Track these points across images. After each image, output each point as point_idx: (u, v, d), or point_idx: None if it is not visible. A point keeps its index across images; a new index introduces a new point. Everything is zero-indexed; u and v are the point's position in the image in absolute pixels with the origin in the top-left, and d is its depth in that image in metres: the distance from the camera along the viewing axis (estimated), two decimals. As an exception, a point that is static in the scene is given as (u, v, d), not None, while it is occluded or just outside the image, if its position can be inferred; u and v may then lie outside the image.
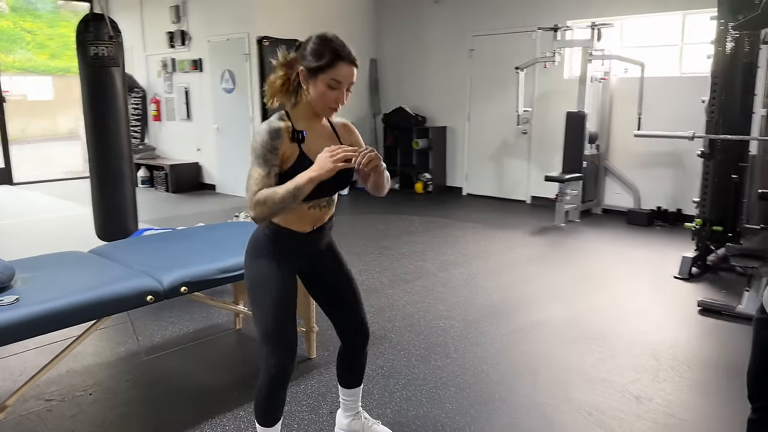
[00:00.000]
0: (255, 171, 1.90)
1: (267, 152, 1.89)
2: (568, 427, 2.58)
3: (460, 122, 8.48)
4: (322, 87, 1.89)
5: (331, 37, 1.92)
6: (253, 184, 1.88)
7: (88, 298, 2.30)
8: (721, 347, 3.43)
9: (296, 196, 1.85)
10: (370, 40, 9.27)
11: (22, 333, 2.14)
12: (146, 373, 3.09)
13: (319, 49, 1.89)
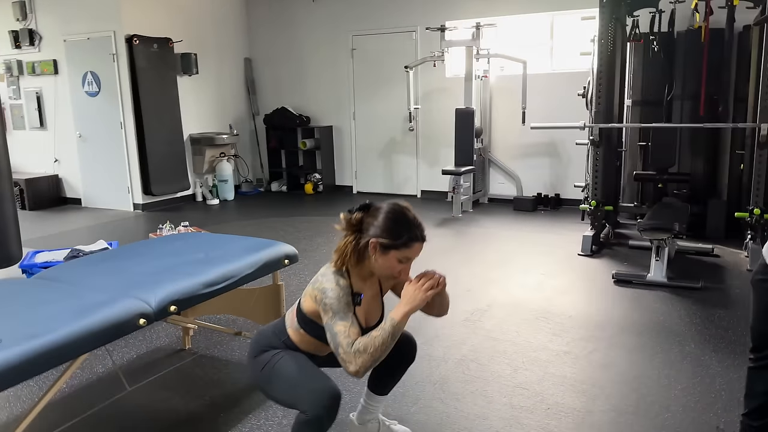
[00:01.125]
0: (340, 325, 1.89)
1: (345, 305, 1.92)
2: (560, 402, 2.75)
3: (346, 121, 8.53)
4: (393, 262, 1.96)
5: (408, 215, 1.97)
6: (343, 338, 1.87)
7: (81, 329, 2.01)
8: (645, 311, 3.83)
9: (394, 335, 1.88)
10: (243, 39, 8.97)
11: (14, 377, 1.83)
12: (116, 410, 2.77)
13: (396, 228, 1.93)
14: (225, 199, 8.32)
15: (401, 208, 1.99)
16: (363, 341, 1.85)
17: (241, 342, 3.45)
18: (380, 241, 1.93)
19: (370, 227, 1.96)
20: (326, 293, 1.92)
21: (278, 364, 2.06)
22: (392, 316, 1.88)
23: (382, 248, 1.94)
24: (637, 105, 6.22)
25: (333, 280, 1.95)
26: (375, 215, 1.97)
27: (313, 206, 7.82)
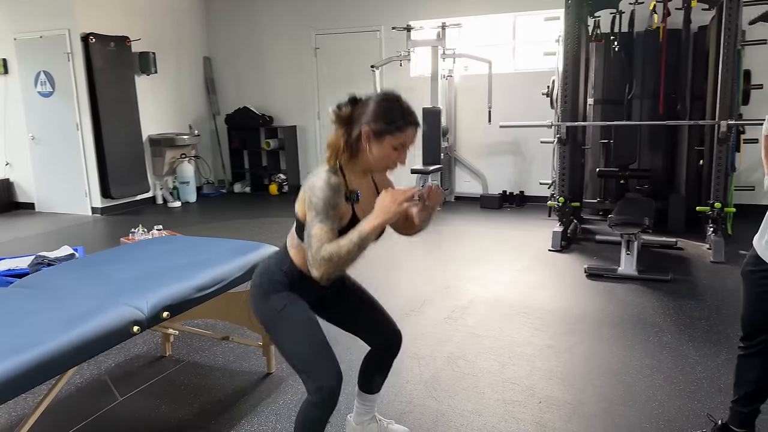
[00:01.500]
0: (318, 228, 1.80)
1: (330, 208, 1.82)
2: (551, 395, 2.80)
3: (311, 121, 8.46)
4: (388, 149, 1.86)
5: (399, 100, 1.90)
6: (315, 243, 1.79)
7: (74, 339, 1.93)
8: (619, 304, 3.93)
9: (362, 246, 1.79)
10: (202, 38, 8.79)
11: (8, 392, 1.74)
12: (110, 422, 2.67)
13: (389, 114, 1.86)
14: (187, 201, 8.13)
15: (393, 95, 1.91)
16: (329, 249, 1.77)
17: (223, 347, 3.38)
18: (373, 127, 1.84)
19: (362, 117, 1.87)
20: (314, 191, 1.82)
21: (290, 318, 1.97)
22: (360, 227, 1.77)
23: (375, 135, 1.84)
24: (599, 104, 6.38)
25: (324, 177, 1.83)
26: (365, 105, 1.88)
27: (279, 207, 7.72)
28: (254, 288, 2.06)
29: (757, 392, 2.22)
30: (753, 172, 6.17)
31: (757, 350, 2.17)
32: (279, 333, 1.99)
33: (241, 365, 3.19)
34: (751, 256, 2.14)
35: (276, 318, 1.98)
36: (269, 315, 2.00)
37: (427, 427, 2.55)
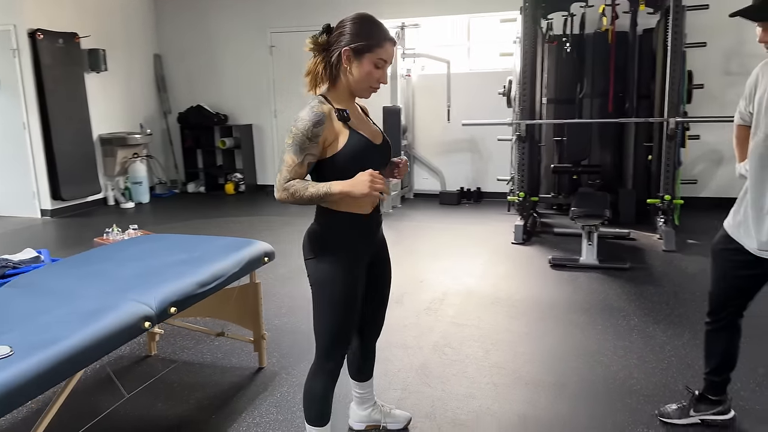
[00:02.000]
0: (289, 157, 1.87)
1: (306, 140, 1.86)
2: (536, 378, 2.96)
3: (267, 119, 8.41)
4: (369, 66, 1.90)
5: (373, 18, 1.95)
6: (285, 170, 1.87)
7: (92, 335, 1.92)
8: (585, 291, 4.15)
9: (323, 200, 1.89)
10: (152, 35, 8.59)
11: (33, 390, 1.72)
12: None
13: (366, 30, 1.91)
14: (140, 201, 7.93)
15: (366, 15, 1.95)
16: (296, 186, 1.85)
17: (210, 345, 3.38)
18: (353, 46, 1.88)
19: (340, 39, 1.91)
20: (297, 121, 1.87)
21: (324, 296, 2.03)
22: (331, 186, 1.85)
23: (355, 54, 1.88)
24: (551, 103, 6.66)
25: (309, 112, 1.87)
26: (340, 28, 1.93)
27: (237, 207, 7.66)
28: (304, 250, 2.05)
29: (726, 362, 2.43)
30: (695, 166, 6.59)
31: (723, 324, 2.39)
32: (321, 300, 2.03)
33: (230, 361, 3.20)
34: (721, 235, 2.34)
35: (324, 286, 2.01)
36: (319, 279, 2.02)
37: (425, 411, 2.65)
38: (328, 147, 1.91)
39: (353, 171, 1.88)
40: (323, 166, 1.93)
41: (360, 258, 2.07)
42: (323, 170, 1.94)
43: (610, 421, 2.54)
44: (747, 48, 6.42)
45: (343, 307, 2.01)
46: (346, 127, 1.93)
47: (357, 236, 2.05)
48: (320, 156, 1.91)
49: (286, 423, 2.59)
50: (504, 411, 2.65)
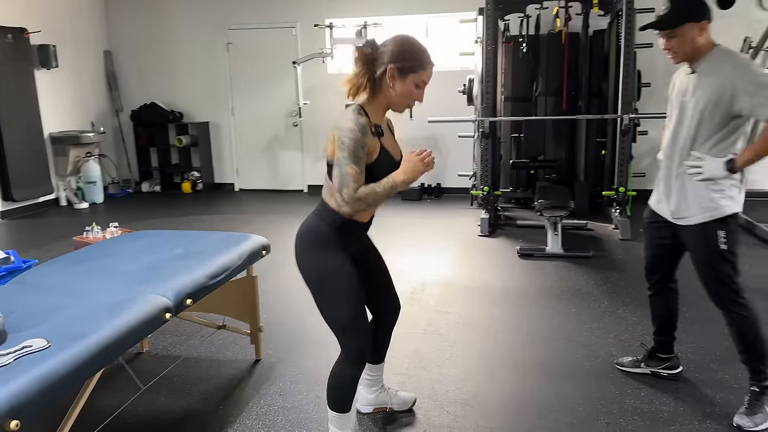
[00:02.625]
0: (350, 168, 1.96)
1: (360, 148, 1.97)
2: (525, 358, 3.14)
3: (224, 117, 8.33)
4: (411, 86, 2.04)
5: (419, 41, 2.09)
6: (351, 181, 1.96)
7: (122, 327, 1.95)
8: (554, 279, 4.39)
9: (390, 193, 2.02)
10: (102, 31, 8.34)
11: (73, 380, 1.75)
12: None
13: (413, 52, 2.04)
14: (94, 202, 7.72)
15: (410, 36, 2.07)
16: (364, 191, 1.96)
17: (202, 340, 3.40)
18: (398, 65, 1.99)
19: (384, 56, 2.01)
20: (345, 132, 1.95)
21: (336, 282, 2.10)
22: (394, 179, 1.98)
23: (400, 73, 2.00)
24: (509, 101, 6.91)
25: (353, 118, 1.97)
26: (386, 46, 2.03)
27: (196, 205, 7.56)
28: (303, 246, 2.14)
29: (667, 323, 2.83)
30: (643, 160, 6.99)
31: (657, 289, 2.79)
32: (327, 293, 2.11)
33: (226, 355, 3.23)
34: (647, 211, 2.72)
35: (326, 279, 2.10)
36: (319, 274, 2.11)
37: (427, 393, 2.78)
38: (368, 155, 2.02)
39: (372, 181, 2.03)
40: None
41: (349, 255, 2.17)
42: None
43: (599, 394, 2.74)
44: (687, 49, 6.85)
45: (351, 296, 2.12)
46: (378, 142, 2.05)
47: (354, 240, 2.22)
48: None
49: (294, 410, 2.66)
50: (500, 390, 2.81)
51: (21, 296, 2.22)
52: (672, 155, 2.56)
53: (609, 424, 2.51)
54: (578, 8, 6.35)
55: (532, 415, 2.59)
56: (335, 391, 2.20)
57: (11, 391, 1.54)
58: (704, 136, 2.43)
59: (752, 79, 2.31)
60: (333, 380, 2.20)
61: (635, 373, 2.91)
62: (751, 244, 5.15)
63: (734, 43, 6.24)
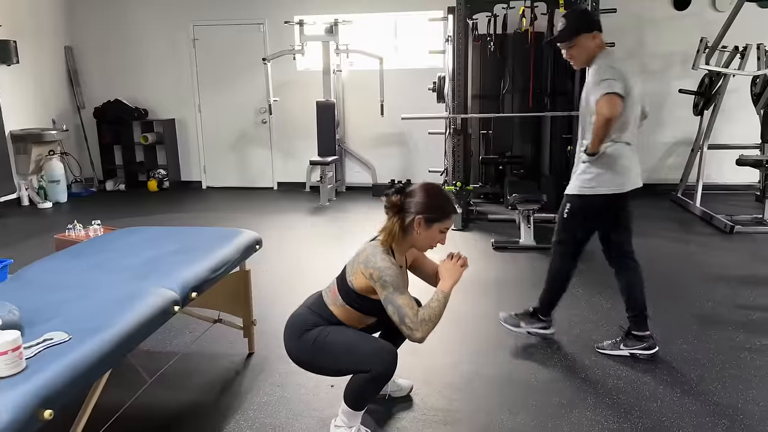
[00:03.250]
0: (401, 299, 2.17)
1: (403, 281, 2.21)
2: (521, 345, 3.28)
3: (191, 114, 8.24)
4: (435, 233, 2.29)
5: (444, 192, 2.34)
6: (409, 311, 2.16)
7: (137, 319, 1.98)
8: (530, 269, 4.56)
9: (446, 304, 2.24)
10: (62, 25, 8.12)
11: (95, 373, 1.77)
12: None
13: (437, 204, 2.26)
14: (57, 201, 7.54)
15: (436, 186, 2.32)
16: (426, 312, 2.18)
17: (191, 336, 3.41)
18: (426, 216, 2.23)
19: (412, 206, 2.24)
20: (384, 271, 2.16)
21: (329, 337, 2.26)
22: (443, 290, 2.25)
23: (426, 222, 2.24)
24: (477, 98, 7.07)
25: (386, 258, 2.20)
26: (413, 195, 2.26)
27: (164, 203, 7.46)
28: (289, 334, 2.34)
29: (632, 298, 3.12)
30: (604, 156, 7.25)
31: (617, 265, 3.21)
32: (324, 356, 2.26)
33: (216, 350, 3.26)
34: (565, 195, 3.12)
35: (316, 346, 2.25)
36: (309, 348, 2.28)
37: (422, 379, 2.88)
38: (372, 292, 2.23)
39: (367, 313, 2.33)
40: (364, 299, 2.25)
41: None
42: (361, 301, 2.26)
43: (583, 375, 2.90)
44: (646, 49, 7.18)
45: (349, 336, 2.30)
46: None
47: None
48: (368, 292, 2.23)
49: (294, 400, 2.72)
50: (491, 373, 2.94)
51: (25, 291, 2.21)
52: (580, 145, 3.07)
53: (595, 402, 2.66)
54: (543, 8, 6.55)
55: (521, 396, 2.73)
56: (359, 393, 2.28)
57: (43, 382, 1.57)
58: (586, 127, 2.95)
59: (597, 77, 2.80)
60: (353, 390, 2.28)
61: (615, 356, 3.08)
62: (706, 234, 5.44)
63: (691, 43, 6.59)
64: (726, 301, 3.83)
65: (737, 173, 6.93)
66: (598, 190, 2.95)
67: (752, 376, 2.87)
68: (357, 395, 2.28)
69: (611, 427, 2.46)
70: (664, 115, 7.29)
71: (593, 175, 2.93)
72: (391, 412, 2.63)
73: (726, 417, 2.52)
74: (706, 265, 4.56)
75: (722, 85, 6.25)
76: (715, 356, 3.07)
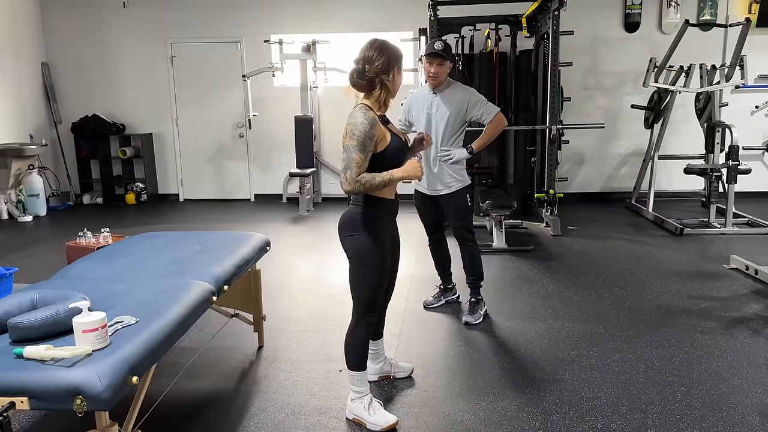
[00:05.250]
0: (357, 156, 2.40)
1: (368, 140, 2.42)
2: (500, 334, 3.66)
3: (168, 128, 8.44)
4: (400, 75, 2.56)
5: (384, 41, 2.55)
6: (355, 166, 2.40)
7: (188, 305, 2.27)
8: (503, 270, 4.97)
9: (386, 185, 2.47)
10: (38, 42, 8.25)
11: (159, 354, 2.05)
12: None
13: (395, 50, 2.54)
14: (37, 215, 7.62)
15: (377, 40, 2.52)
16: (366, 177, 2.39)
17: (199, 334, 3.67)
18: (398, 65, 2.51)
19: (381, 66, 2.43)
20: (357, 126, 2.37)
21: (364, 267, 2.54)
22: (392, 174, 2.42)
23: (398, 70, 2.52)
24: (446, 112, 7.51)
25: (362, 114, 2.40)
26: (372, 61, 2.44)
27: (143, 216, 7.62)
28: (344, 230, 2.58)
29: (441, 263, 4.15)
30: (563, 166, 7.80)
31: (435, 242, 4.09)
32: (363, 268, 2.54)
33: (224, 344, 3.53)
34: (416, 193, 3.98)
35: (366, 257, 2.52)
36: (362, 252, 2.53)
37: (419, 363, 3.23)
38: (377, 144, 2.44)
39: (393, 164, 2.48)
40: (372, 159, 2.46)
41: (388, 233, 2.62)
42: (372, 162, 2.46)
43: (561, 356, 3.30)
44: (600, 67, 7.77)
45: (381, 272, 2.56)
46: (387, 130, 2.48)
47: (389, 216, 2.63)
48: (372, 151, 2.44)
49: (308, 383, 3.03)
50: (480, 356, 3.31)
51: (78, 286, 2.46)
52: (428, 151, 3.73)
53: (572, 377, 3.06)
54: (507, 30, 7.06)
55: (508, 374, 3.10)
56: (352, 352, 2.62)
57: (128, 354, 1.86)
58: (448, 136, 3.76)
59: (477, 98, 3.73)
60: (349, 344, 2.62)
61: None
62: (659, 236, 5.98)
63: (641, 62, 7.22)
64: (680, 292, 4.32)
65: (684, 181, 7.58)
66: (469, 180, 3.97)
67: (704, 352, 3.32)
68: (352, 350, 2.61)
69: (588, 396, 2.86)
70: (617, 128, 7.88)
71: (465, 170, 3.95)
72: (397, 389, 2.97)
73: (684, 385, 2.95)
74: (660, 263, 5.06)
75: (670, 101, 6.86)
76: (672, 337, 3.52)
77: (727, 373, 3.07)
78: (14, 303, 2.15)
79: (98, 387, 1.70)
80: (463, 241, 3.91)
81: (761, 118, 7.67)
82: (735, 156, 5.95)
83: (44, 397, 1.71)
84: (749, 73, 6.57)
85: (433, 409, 2.77)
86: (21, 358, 1.82)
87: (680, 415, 2.68)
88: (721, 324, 3.71)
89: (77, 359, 1.79)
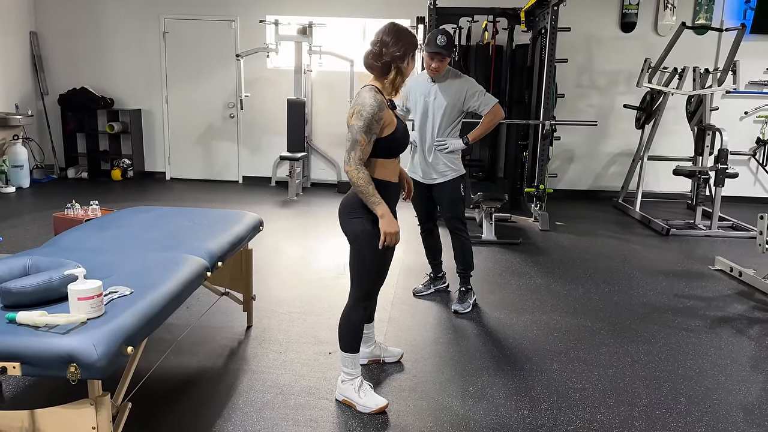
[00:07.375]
0: (362, 137, 2.38)
1: (374, 123, 2.40)
2: (490, 322, 3.68)
3: (157, 105, 8.31)
4: (413, 62, 2.52)
5: (400, 26, 2.52)
6: (359, 149, 2.38)
7: (183, 278, 2.25)
8: (493, 262, 4.99)
9: (368, 202, 2.42)
10: (28, 10, 8.06)
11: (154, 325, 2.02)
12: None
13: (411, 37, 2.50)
14: (20, 186, 7.48)
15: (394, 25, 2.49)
16: (365, 180, 2.37)
17: (187, 311, 3.64)
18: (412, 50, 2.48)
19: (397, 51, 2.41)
20: (365, 107, 2.34)
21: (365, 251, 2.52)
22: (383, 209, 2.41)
23: (413, 57, 2.49)
24: (440, 103, 7.50)
25: (372, 95, 2.37)
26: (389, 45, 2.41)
27: (128, 193, 7.50)
28: (343, 213, 2.56)
29: (432, 252, 4.14)
30: (553, 163, 7.83)
31: (427, 231, 4.07)
32: (364, 251, 2.52)
33: (213, 323, 3.51)
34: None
35: (368, 240, 2.49)
36: (362, 234, 2.50)
37: (409, 349, 3.24)
38: (384, 128, 2.42)
39: (396, 149, 2.50)
40: (377, 143, 2.44)
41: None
42: (376, 146, 2.44)
43: (549, 347, 3.33)
44: (595, 66, 7.80)
45: (384, 255, 2.54)
46: (393, 114, 2.47)
47: (391, 200, 2.59)
48: (378, 135, 2.42)
49: (297, 363, 3.02)
50: (469, 345, 3.33)
51: (71, 255, 2.41)
52: (423, 139, 3.78)
53: (560, 368, 3.08)
54: (505, 24, 7.05)
55: (497, 363, 3.12)
56: (348, 334, 2.61)
57: (123, 324, 1.83)
58: (445, 125, 3.73)
59: (475, 88, 3.70)
60: (345, 326, 2.62)
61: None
62: (645, 235, 6.04)
63: (636, 62, 7.26)
64: (666, 290, 4.37)
65: (672, 183, 7.66)
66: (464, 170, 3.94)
67: (689, 349, 3.37)
68: (347, 332, 2.62)
69: (575, 387, 2.89)
70: (608, 127, 7.93)
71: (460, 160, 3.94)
72: (387, 373, 2.97)
73: (669, 380, 2.99)
74: (647, 261, 5.11)
75: (662, 102, 6.91)
76: (658, 334, 3.56)
77: (711, 370, 3.12)
78: (5, 268, 2.11)
79: (93, 355, 1.67)
80: (455, 231, 3.91)
81: (750, 125, 7.76)
82: (724, 159, 6.01)
83: (37, 363, 1.68)
84: (741, 79, 6.63)
85: (422, 394, 2.78)
86: (13, 323, 1.78)
87: (666, 408, 2.71)
88: (706, 323, 3.76)
89: (72, 326, 1.76)
